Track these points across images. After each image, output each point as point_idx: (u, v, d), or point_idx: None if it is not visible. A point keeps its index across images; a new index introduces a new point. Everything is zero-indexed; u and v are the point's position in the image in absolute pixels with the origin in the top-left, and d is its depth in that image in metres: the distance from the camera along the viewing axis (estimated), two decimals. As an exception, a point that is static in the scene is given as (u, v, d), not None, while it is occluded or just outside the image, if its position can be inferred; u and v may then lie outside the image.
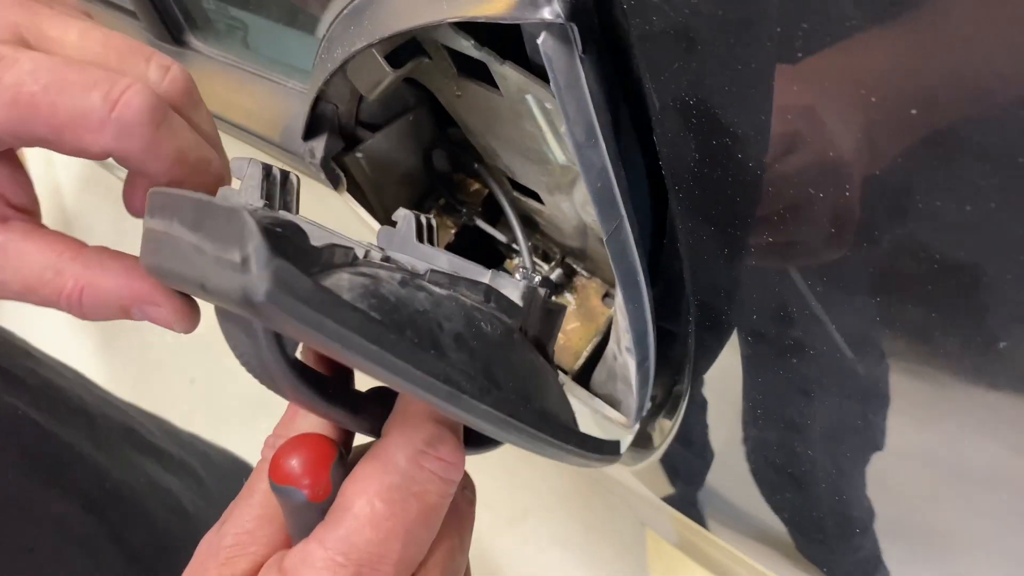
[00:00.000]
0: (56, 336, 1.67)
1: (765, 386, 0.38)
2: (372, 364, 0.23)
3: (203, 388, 1.71)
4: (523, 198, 0.52)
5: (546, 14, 0.29)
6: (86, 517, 0.47)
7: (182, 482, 0.63)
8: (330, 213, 0.56)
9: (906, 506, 0.42)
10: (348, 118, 0.49)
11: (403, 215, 0.36)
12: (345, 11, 0.39)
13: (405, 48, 0.41)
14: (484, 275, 0.35)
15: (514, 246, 0.57)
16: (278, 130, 0.54)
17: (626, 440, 0.55)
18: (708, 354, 0.40)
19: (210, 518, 0.40)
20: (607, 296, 0.56)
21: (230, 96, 0.57)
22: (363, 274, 0.27)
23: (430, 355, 0.24)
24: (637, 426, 0.51)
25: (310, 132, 0.49)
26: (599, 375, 0.52)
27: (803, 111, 0.25)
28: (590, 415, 0.53)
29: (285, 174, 0.29)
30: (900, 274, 0.27)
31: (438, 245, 0.37)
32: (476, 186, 0.58)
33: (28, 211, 0.33)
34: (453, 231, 0.59)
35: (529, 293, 0.35)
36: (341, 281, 0.25)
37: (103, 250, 0.33)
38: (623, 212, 0.35)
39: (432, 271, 0.32)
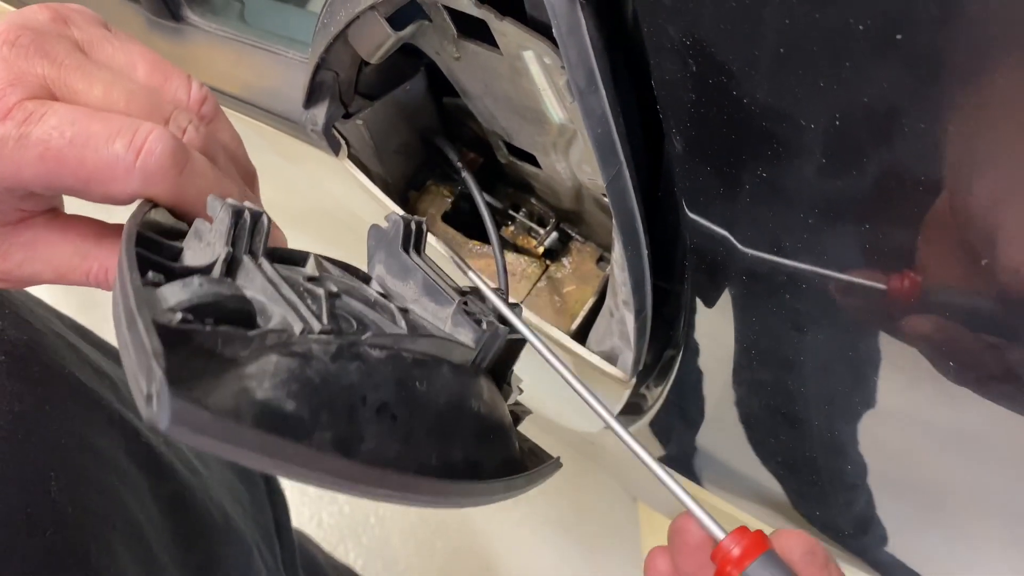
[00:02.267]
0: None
1: (759, 326, 0.40)
2: (273, 471, 0.24)
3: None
4: (519, 163, 0.53)
5: (548, -39, 0.30)
6: (135, 470, 0.49)
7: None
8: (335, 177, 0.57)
9: (898, 455, 0.44)
10: (348, 86, 0.50)
11: (393, 220, 0.37)
12: (348, -27, 0.40)
13: (406, 10, 0.42)
14: (450, 305, 0.36)
15: (511, 212, 0.58)
16: (278, 99, 0.55)
17: (623, 396, 0.57)
18: (703, 298, 0.42)
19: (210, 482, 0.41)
20: (601, 260, 0.58)
21: (229, 69, 0.58)
22: (294, 354, 0.27)
23: (329, 456, 0.25)
24: (634, 381, 0.52)
25: (311, 100, 0.50)
26: (595, 334, 0.54)
27: (793, 43, 0.27)
28: (589, 371, 0.55)
29: (256, 216, 0.30)
30: (889, 198, 0.29)
31: (428, 233, 0.39)
32: (472, 155, 0.59)
33: (51, 208, 0.35)
34: (450, 200, 0.60)
35: (483, 338, 0.35)
36: (267, 367, 0.25)
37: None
38: (622, 158, 0.37)
39: (375, 336, 0.31)
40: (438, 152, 0.58)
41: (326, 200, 0.71)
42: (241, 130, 0.40)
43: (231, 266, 0.29)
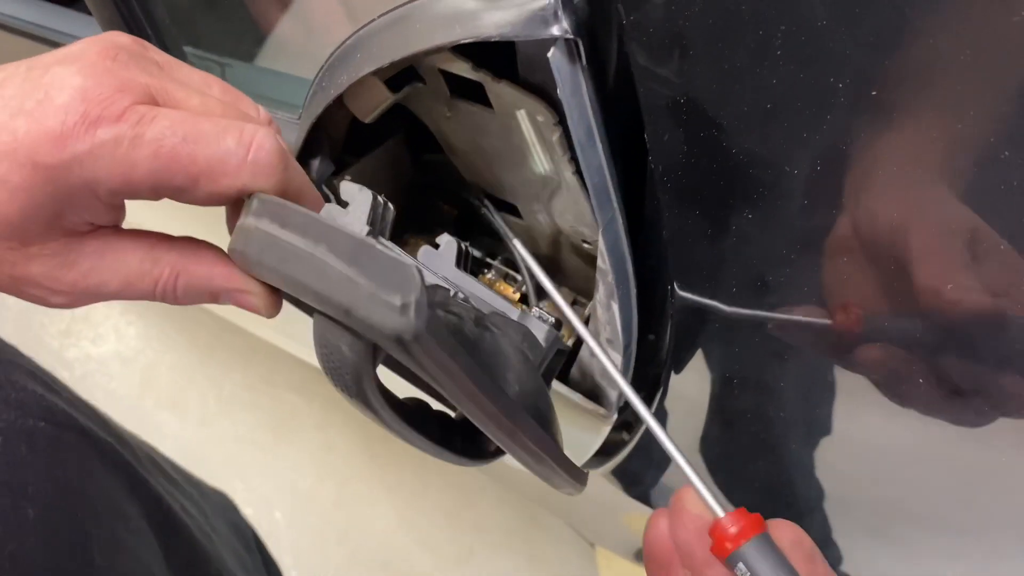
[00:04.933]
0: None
1: (744, 358, 0.44)
2: (466, 398, 0.29)
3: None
4: (500, 213, 0.56)
5: (555, 30, 0.34)
6: (152, 536, 0.48)
7: (198, 511, 0.64)
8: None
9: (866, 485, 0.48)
10: (337, 144, 0.53)
11: (447, 240, 0.41)
12: (349, 40, 0.43)
13: (402, 74, 0.45)
14: (513, 311, 0.41)
15: (487, 260, 0.61)
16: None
17: (603, 432, 0.59)
18: (688, 336, 0.45)
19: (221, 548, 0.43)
20: (575, 303, 0.61)
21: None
22: (452, 313, 0.32)
23: (504, 396, 0.31)
24: (615, 418, 0.55)
25: (301, 159, 0.52)
26: (574, 375, 0.57)
27: (779, 99, 0.31)
28: (570, 410, 0.57)
29: (385, 203, 0.34)
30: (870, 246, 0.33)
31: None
32: (447, 207, 0.62)
33: (115, 224, 0.36)
34: (428, 251, 0.62)
35: (552, 337, 0.41)
36: (439, 319, 0.30)
37: (192, 239, 0.36)
38: (616, 206, 0.40)
39: (493, 313, 0.37)
40: (417, 203, 0.61)
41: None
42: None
43: None
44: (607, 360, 0.43)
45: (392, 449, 1.55)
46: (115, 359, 1.77)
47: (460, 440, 0.38)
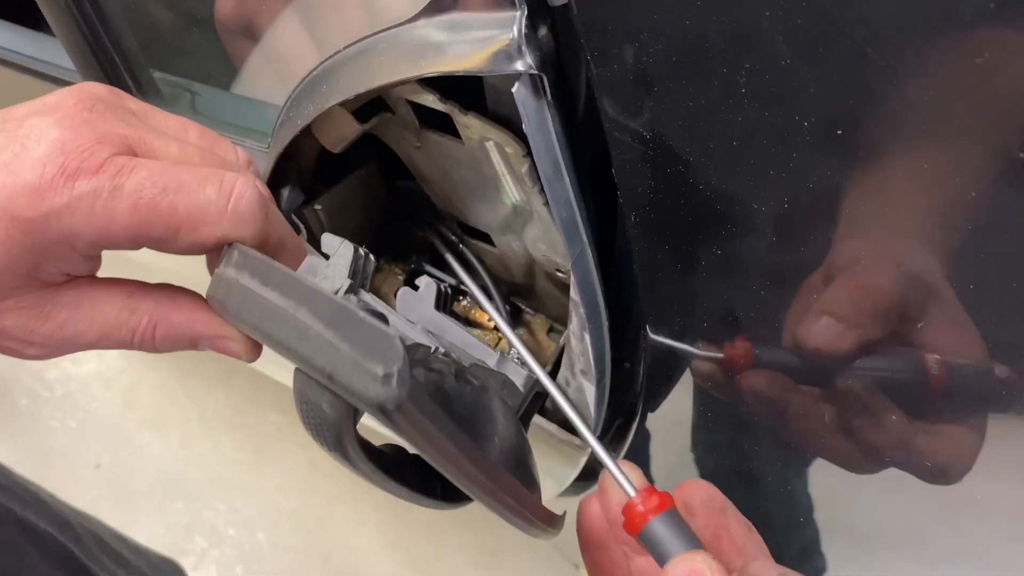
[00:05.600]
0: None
1: (712, 402, 0.43)
2: (444, 460, 0.29)
3: (110, 473, 1.63)
4: (473, 241, 0.56)
5: (519, 66, 0.33)
6: None
7: None
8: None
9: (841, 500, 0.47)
10: (307, 174, 0.52)
11: (426, 282, 0.41)
12: (316, 71, 0.43)
13: (370, 105, 0.45)
14: (492, 356, 0.41)
15: (462, 287, 0.60)
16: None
17: (580, 464, 0.58)
18: (661, 363, 0.45)
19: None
20: (551, 331, 0.60)
21: (182, 158, 0.59)
22: (432, 370, 0.32)
23: (482, 454, 0.31)
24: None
25: (271, 188, 0.51)
26: (551, 403, 0.56)
27: (745, 135, 0.31)
28: (547, 439, 0.56)
29: (366, 254, 0.34)
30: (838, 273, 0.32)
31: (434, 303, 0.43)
32: (422, 234, 0.61)
33: (91, 274, 0.35)
34: (402, 278, 0.62)
35: (530, 382, 0.41)
36: (419, 378, 0.29)
37: (169, 286, 0.36)
38: (585, 239, 0.39)
39: (473, 365, 0.37)
40: (391, 231, 0.60)
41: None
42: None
43: (347, 295, 0.32)
44: (566, 405, 0.42)
45: (376, 469, 1.53)
46: (96, 379, 1.75)
47: (439, 485, 0.38)
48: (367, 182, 0.57)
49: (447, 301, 0.42)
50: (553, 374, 0.59)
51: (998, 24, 0.23)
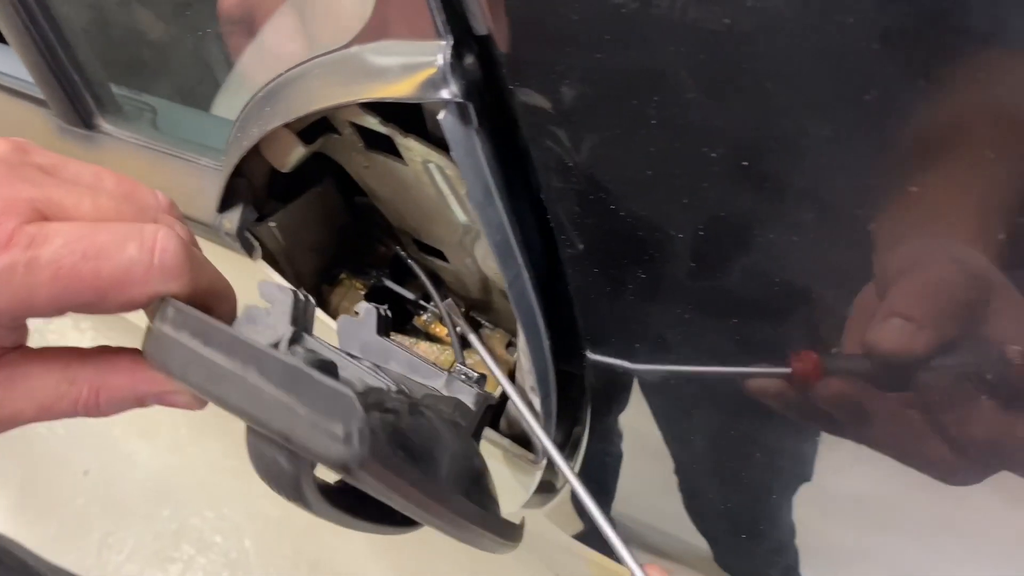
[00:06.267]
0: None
1: (656, 404, 0.43)
2: (412, 505, 0.29)
3: (98, 480, 1.64)
4: (428, 257, 0.56)
5: (445, 94, 0.34)
6: None
7: None
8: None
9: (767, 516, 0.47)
10: (261, 192, 0.52)
11: (365, 308, 0.41)
12: (260, 93, 0.43)
13: (316, 125, 0.45)
14: (440, 377, 0.41)
15: (421, 302, 0.61)
16: (192, 205, 0.56)
17: (535, 477, 0.59)
18: (603, 383, 0.45)
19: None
20: (510, 345, 0.61)
21: (142, 175, 0.60)
22: (387, 410, 0.32)
23: (445, 492, 0.32)
24: (544, 462, 0.55)
25: (224, 205, 0.52)
26: (507, 418, 0.57)
27: (658, 159, 0.31)
28: (500, 455, 0.57)
29: (306, 297, 0.34)
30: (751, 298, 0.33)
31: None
32: (383, 248, 0.62)
33: (20, 345, 0.33)
34: (362, 292, 0.62)
35: (480, 400, 0.41)
36: (374, 422, 0.29)
37: (107, 349, 0.34)
38: (520, 262, 0.40)
39: (426, 396, 0.37)
40: (351, 247, 0.61)
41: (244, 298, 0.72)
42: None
43: (292, 344, 0.32)
44: (530, 416, 0.43)
45: (362, 476, 1.53)
46: (85, 386, 1.76)
47: (399, 514, 0.38)
48: (324, 199, 0.57)
49: (389, 324, 0.42)
50: (504, 397, 0.59)
51: (886, 65, 0.24)
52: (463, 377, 0.44)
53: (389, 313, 0.42)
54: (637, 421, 0.47)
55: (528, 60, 0.31)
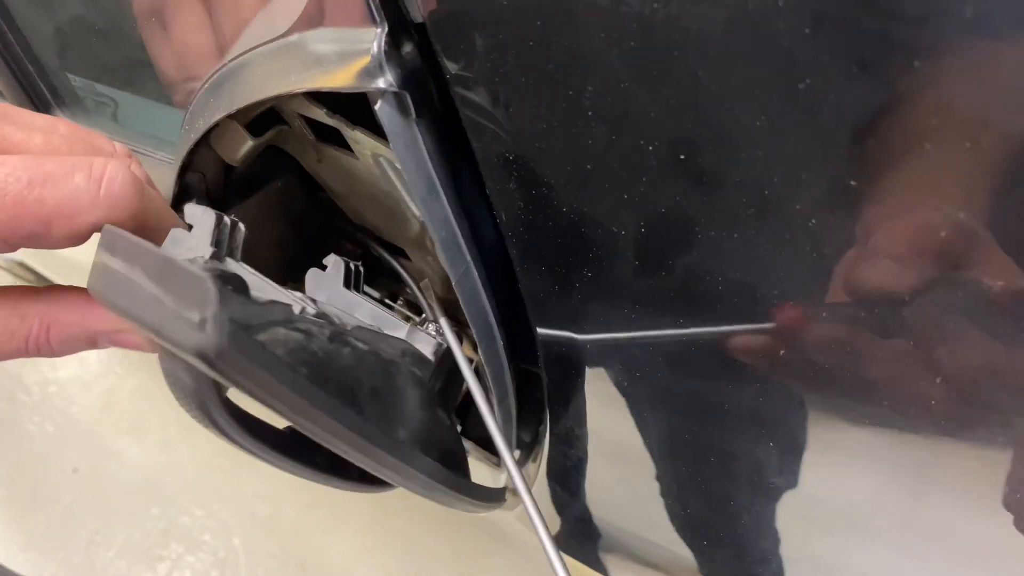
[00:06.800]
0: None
1: (615, 405, 0.42)
2: (298, 416, 0.26)
3: (87, 478, 1.63)
4: (390, 257, 0.55)
5: (380, 83, 0.32)
6: None
7: None
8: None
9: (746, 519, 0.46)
10: (216, 186, 0.51)
11: (333, 260, 0.40)
12: (206, 85, 0.42)
13: (265, 117, 0.44)
14: (402, 328, 0.39)
15: (387, 301, 0.59)
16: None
17: (500, 479, 0.57)
18: (558, 383, 0.44)
19: None
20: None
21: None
22: (298, 329, 0.30)
23: (350, 412, 0.28)
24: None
25: (178, 201, 0.50)
26: (472, 419, 0.55)
27: (599, 154, 0.30)
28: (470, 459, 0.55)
29: (234, 223, 0.32)
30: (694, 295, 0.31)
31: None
32: (350, 246, 0.60)
33: None
34: (329, 291, 0.61)
35: (440, 350, 0.39)
36: (277, 336, 0.28)
37: (58, 287, 0.34)
38: (468, 259, 0.38)
39: (358, 327, 0.35)
40: (314, 243, 0.59)
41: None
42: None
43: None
44: (491, 419, 0.41)
45: (350, 475, 1.53)
46: (75, 383, 1.75)
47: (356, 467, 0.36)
48: (285, 193, 0.56)
49: (359, 279, 0.40)
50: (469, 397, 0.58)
51: (820, 53, 0.23)
52: (428, 332, 0.42)
53: (360, 268, 0.40)
54: (600, 412, 0.46)
55: (460, 49, 0.30)
